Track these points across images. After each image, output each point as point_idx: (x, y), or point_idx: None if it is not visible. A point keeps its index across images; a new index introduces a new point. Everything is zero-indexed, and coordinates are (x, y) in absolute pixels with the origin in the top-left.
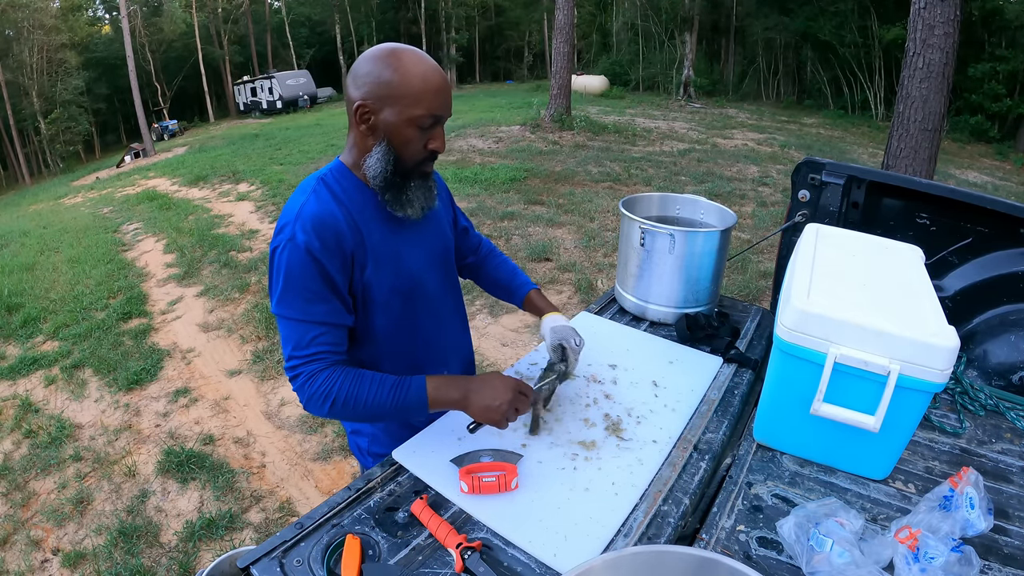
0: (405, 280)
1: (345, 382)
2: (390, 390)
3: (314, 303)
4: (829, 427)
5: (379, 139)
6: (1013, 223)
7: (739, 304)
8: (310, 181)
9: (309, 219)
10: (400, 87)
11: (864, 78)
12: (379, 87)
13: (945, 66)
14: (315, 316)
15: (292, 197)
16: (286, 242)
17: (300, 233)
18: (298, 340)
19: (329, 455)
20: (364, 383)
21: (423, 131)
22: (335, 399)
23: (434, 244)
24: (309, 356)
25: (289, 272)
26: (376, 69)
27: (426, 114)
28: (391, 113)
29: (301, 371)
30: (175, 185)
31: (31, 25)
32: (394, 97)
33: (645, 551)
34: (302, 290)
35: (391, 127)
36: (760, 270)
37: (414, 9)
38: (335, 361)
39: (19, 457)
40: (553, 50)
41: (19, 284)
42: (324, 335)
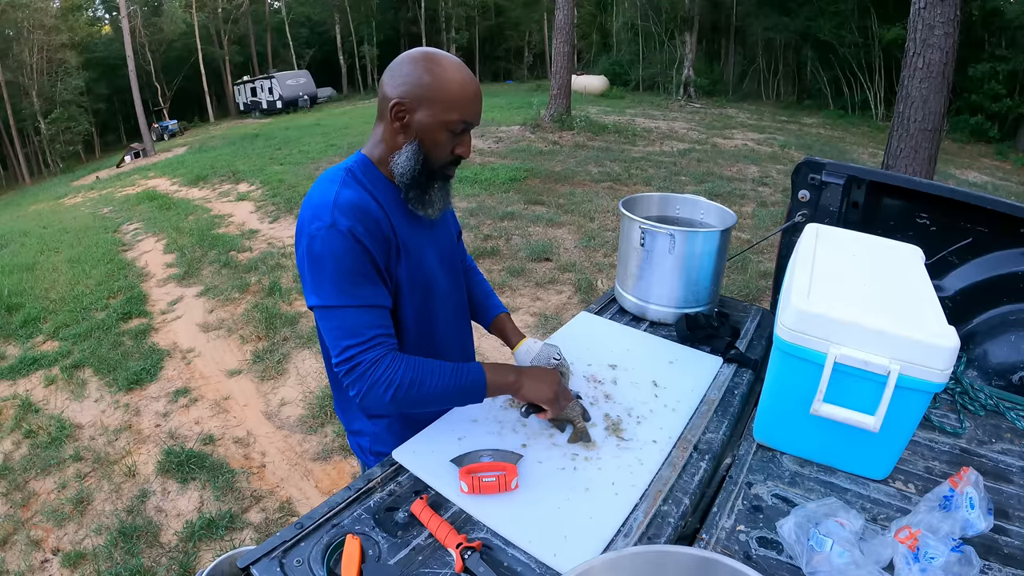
0: (424, 274)
1: (408, 368)
2: (451, 375)
3: (364, 287)
4: (829, 427)
5: (411, 138)
6: (1013, 223)
7: (739, 304)
8: (337, 171)
9: (348, 204)
10: (438, 91)
11: (864, 78)
12: (418, 88)
13: (945, 66)
14: (367, 300)
15: (317, 187)
16: (324, 229)
17: (342, 218)
18: (353, 328)
19: (329, 455)
20: (426, 369)
21: (453, 136)
22: (399, 385)
23: (444, 245)
24: (368, 343)
25: (335, 258)
26: (416, 71)
27: (459, 119)
28: (426, 115)
29: (361, 360)
30: (175, 185)
31: (31, 25)
32: (431, 100)
33: (645, 551)
34: (351, 275)
35: (424, 128)
36: (760, 270)
37: (414, 9)
38: (393, 346)
39: (19, 457)
40: (553, 50)
41: (19, 284)
42: (377, 318)
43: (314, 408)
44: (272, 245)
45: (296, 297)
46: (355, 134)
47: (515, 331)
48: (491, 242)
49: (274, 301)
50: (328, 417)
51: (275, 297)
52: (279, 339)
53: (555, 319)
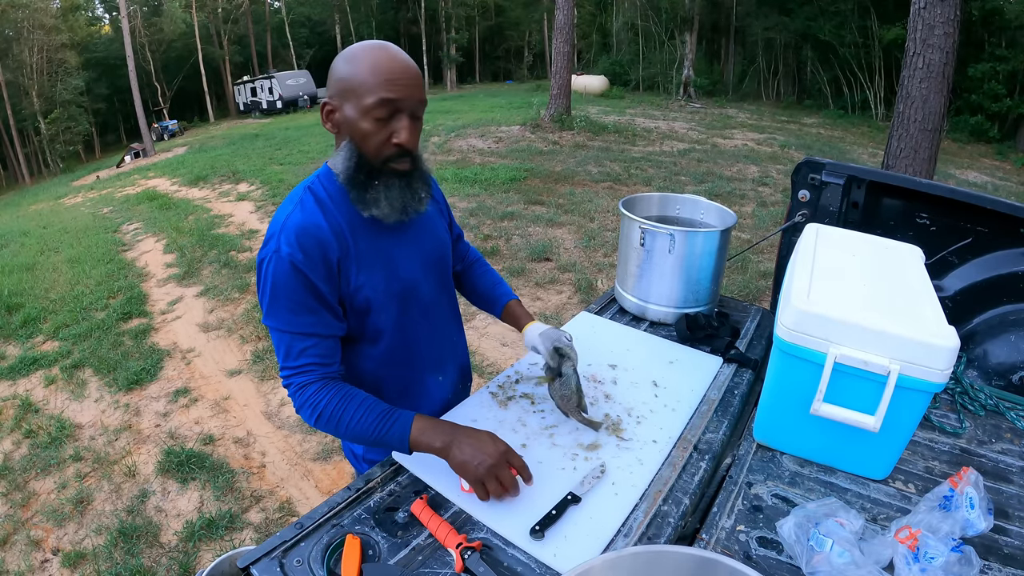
0: (399, 283)
1: (333, 400)
2: (375, 419)
3: (300, 314)
4: (829, 427)
5: (343, 136)
6: (1013, 223)
7: (739, 304)
8: (297, 191)
9: (293, 230)
10: (353, 79)
11: (864, 78)
12: (338, 83)
13: (945, 66)
14: (302, 328)
15: (280, 207)
16: (272, 254)
17: (284, 245)
18: (287, 351)
19: (329, 455)
20: (351, 405)
21: (382, 122)
22: (321, 413)
23: (428, 248)
24: (297, 368)
25: (275, 284)
26: (337, 67)
27: (377, 100)
28: (349, 108)
29: (291, 381)
30: (175, 185)
31: (31, 25)
32: (349, 91)
33: (645, 551)
34: (288, 302)
35: (349, 122)
36: (760, 270)
37: (414, 9)
38: (324, 374)
39: (19, 457)
40: (553, 50)
41: (19, 284)
42: (312, 348)
43: None
44: None
45: None
46: None
47: (525, 315)
48: (491, 242)
49: None
50: None
51: None
52: None
53: (555, 319)
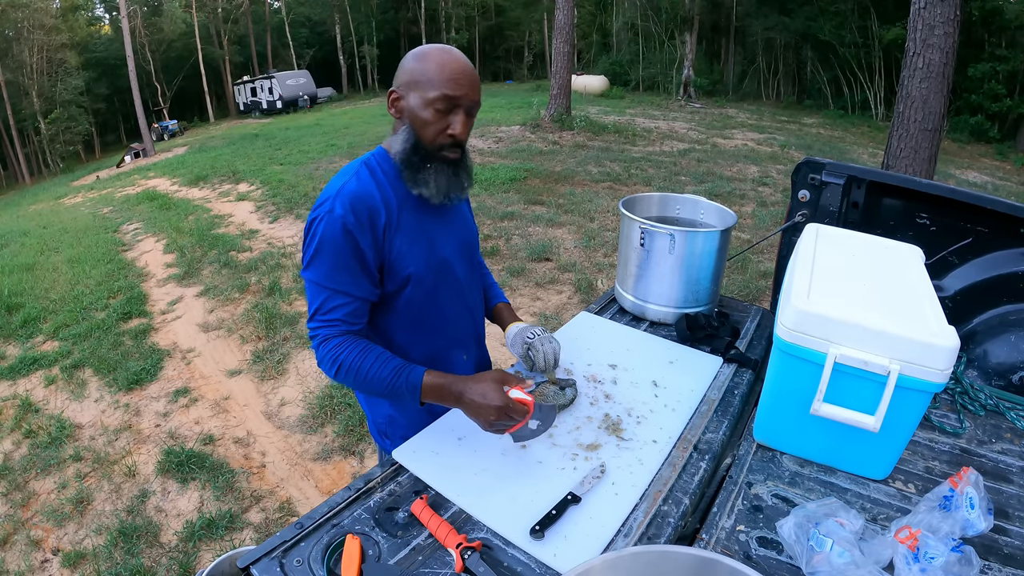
0: (436, 259)
1: (352, 351)
2: (391, 371)
3: (340, 273)
4: (829, 427)
5: (403, 121)
6: (1013, 223)
7: (739, 304)
8: (354, 164)
9: (348, 196)
10: (421, 73)
11: (864, 78)
12: (406, 75)
13: (945, 66)
14: (338, 285)
15: (335, 178)
16: (325, 214)
17: (338, 207)
18: (321, 304)
19: (329, 455)
20: (369, 357)
21: (441, 114)
22: (340, 364)
23: (462, 233)
24: (328, 321)
25: (323, 241)
26: (407, 62)
27: (440, 95)
28: (414, 97)
29: (317, 333)
30: (175, 185)
31: (31, 25)
32: (416, 83)
33: (645, 551)
34: (331, 259)
35: (412, 110)
36: (760, 270)
37: (414, 9)
38: (347, 331)
39: (19, 457)
40: (553, 50)
41: (19, 284)
42: (343, 306)
43: (314, 408)
44: (272, 245)
45: (296, 297)
46: (355, 134)
47: (510, 317)
48: (491, 242)
49: (274, 301)
50: (328, 417)
51: (275, 297)
52: (279, 339)
53: (555, 319)
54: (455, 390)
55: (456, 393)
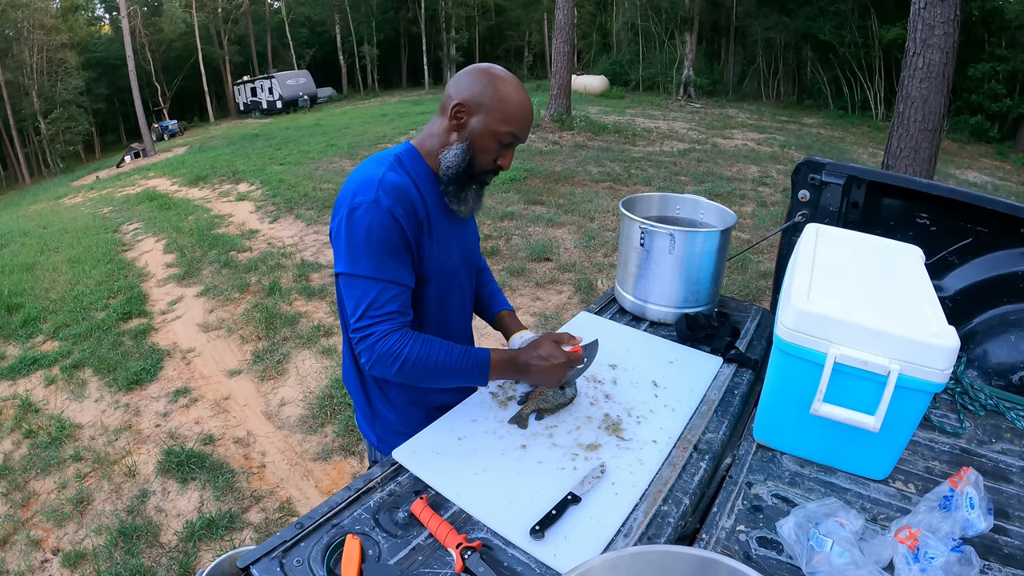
0: (450, 264)
1: (416, 344)
2: (458, 355)
3: (394, 263)
4: (829, 427)
5: (463, 139)
6: (1013, 223)
7: (739, 304)
8: (386, 156)
9: (391, 186)
10: (499, 103)
11: (864, 78)
12: (481, 96)
13: (945, 66)
14: (393, 275)
15: (364, 168)
16: (369, 204)
17: (384, 197)
18: (374, 298)
19: (329, 455)
20: (435, 346)
21: (501, 147)
22: (406, 359)
23: (469, 244)
24: (384, 315)
25: (370, 232)
26: (483, 81)
27: (510, 133)
28: (482, 121)
29: (374, 330)
30: (175, 185)
31: (31, 25)
32: (490, 109)
33: (645, 551)
34: (383, 250)
35: (477, 132)
36: (760, 270)
37: (414, 9)
38: (404, 323)
39: (19, 457)
40: (553, 50)
41: (19, 284)
42: (397, 296)
43: (314, 408)
44: (272, 245)
45: (296, 297)
46: (355, 134)
47: (515, 325)
48: (491, 242)
49: (274, 301)
50: (328, 417)
51: (275, 297)
52: (279, 339)
53: (555, 319)
54: (520, 362)
55: (522, 365)
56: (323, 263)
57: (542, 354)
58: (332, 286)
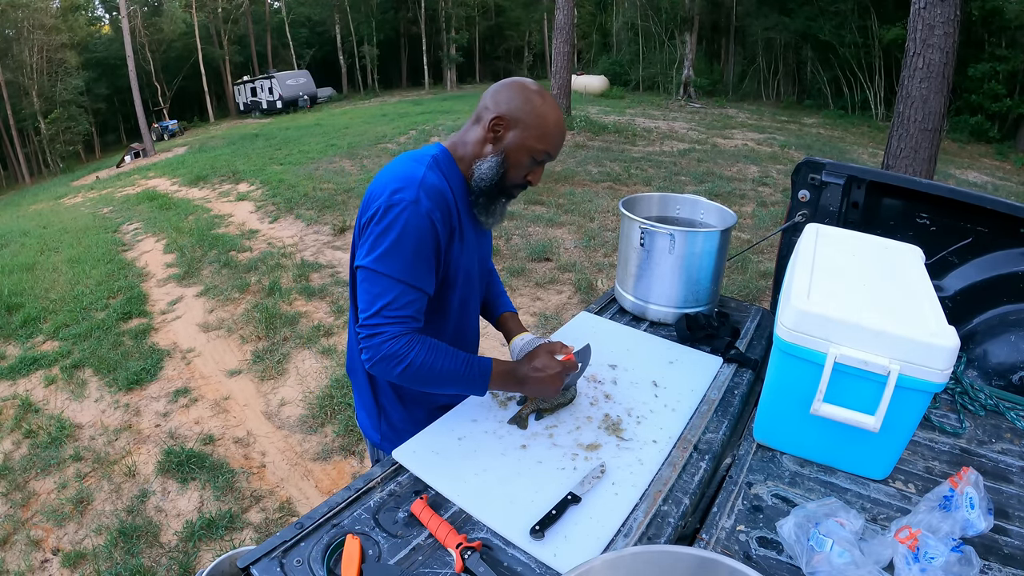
0: (473, 269)
1: (423, 349)
2: (461, 363)
3: (420, 268)
4: (829, 427)
5: (498, 152)
6: (1013, 223)
7: (739, 304)
8: (423, 156)
9: (431, 189)
10: (536, 120)
11: (864, 78)
12: (520, 112)
13: (945, 66)
14: (416, 280)
15: (402, 164)
16: (409, 203)
17: (425, 199)
18: (393, 299)
19: (329, 455)
20: (440, 353)
21: (534, 163)
22: (411, 363)
23: (484, 254)
24: (398, 317)
25: (405, 232)
26: (522, 97)
27: (544, 150)
28: (519, 136)
29: (385, 330)
30: (175, 185)
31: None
32: (528, 125)
33: (645, 551)
34: (413, 253)
35: (513, 147)
36: (760, 270)
37: (414, 9)
38: (416, 329)
39: (19, 457)
40: (553, 50)
41: (19, 284)
42: (415, 301)
43: (314, 408)
44: (272, 245)
45: (296, 297)
46: (355, 134)
47: (517, 327)
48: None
49: (274, 301)
50: (328, 417)
51: (275, 297)
52: (279, 339)
53: (555, 319)
54: (518, 375)
55: (520, 377)
56: (323, 263)
57: (537, 366)
58: (332, 286)
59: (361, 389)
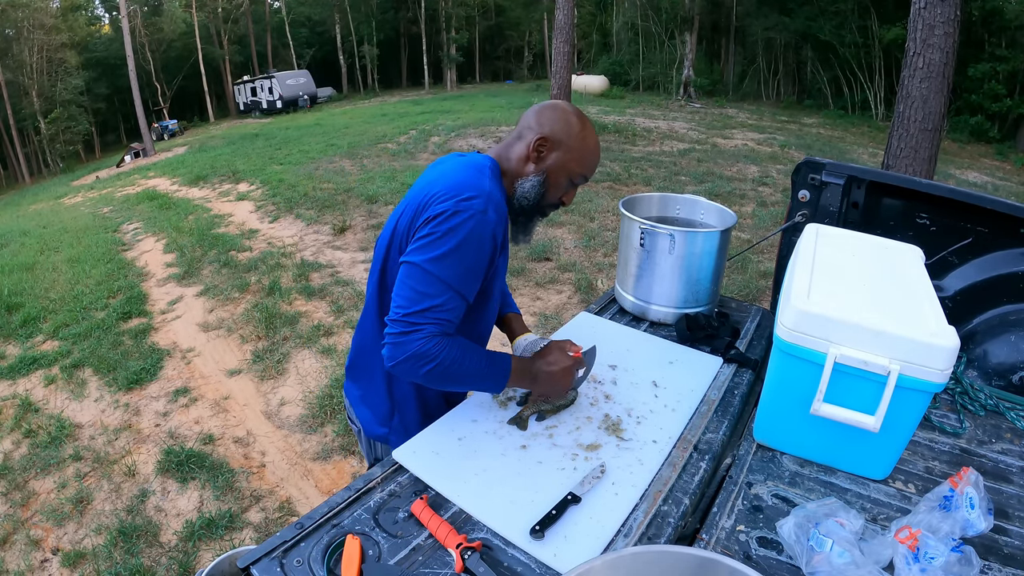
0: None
1: (453, 348)
2: (485, 361)
3: (471, 279)
4: (829, 427)
5: (540, 172)
6: (1013, 223)
7: (739, 304)
8: (482, 164)
9: (499, 205)
10: (579, 143)
11: (864, 78)
12: (563, 135)
13: (945, 66)
14: (465, 289)
15: (466, 170)
16: (478, 213)
17: (493, 213)
18: (441, 303)
19: (329, 455)
20: (468, 352)
21: (571, 184)
22: (440, 362)
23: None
24: (439, 320)
25: (467, 242)
26: (566, 119)
27: (582, 174)
28: (561, 158)
29: (424, 328)
30: (175, 185)
31: (31, 25)
32: (571, 148)
33: (645, 551)
34: (470, 263)
35: (555, 168)
36: (760, 270)
37: (414, 9)
38: (448, 332)
39: (19, 457)
40: (553, 50)
41: (19, 284)
42: (459, 309)
43: (314, 408)
44: (272, 245)
45: (296, 297)
46: (355, 134)
47: (521, 327)
48: None
49: (274, 301)
50: (328, 417)
51: (275, 297)
52: (279, 339)
53: (555, 319)
54: (532, 370)
55: (533, 372)
56: (323, 263)
57: (550, 360)
58: (332, 286)
59: (372, 384)
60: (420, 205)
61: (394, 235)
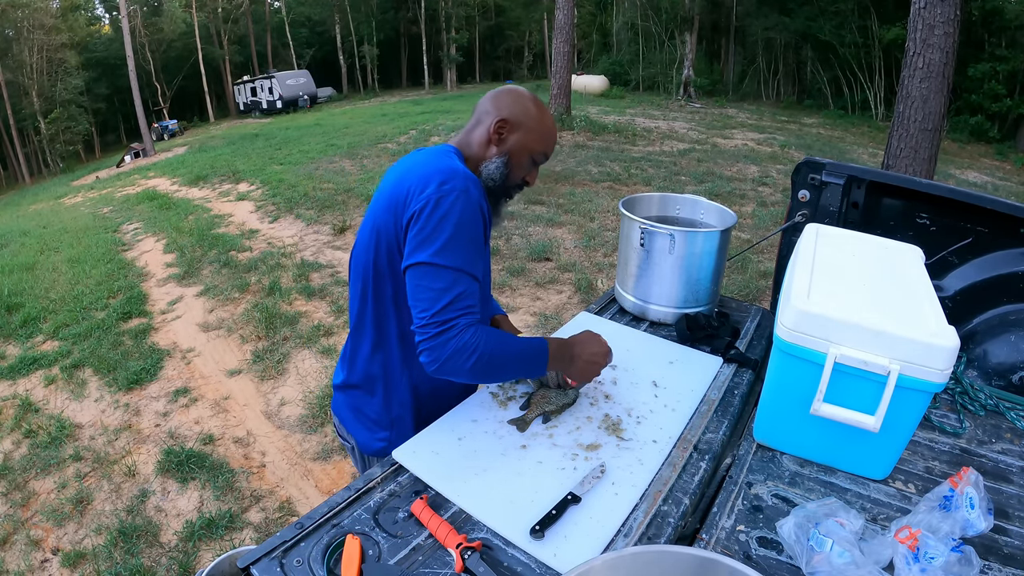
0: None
1: (491, 338)
2: (523, 345)
3: (477, 257)
4: (829, 427)
5: (502, 154)
6: (1013, 223)
7: (739, 304)
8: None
9: (474, 181)
10: (537, 123)
11: (864, 78)
12: (522, 116)
13: (945, 66)
14: (476, 270)
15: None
16: (460, 193)
17: (474, 189)
18: (461, 292)
19: (329, 455)
20: (502, 338)
21: (532, 164)
22: (482, 353)
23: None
24: (466, 308)
25: (461, 222)
26: (522, 102)
27: (543, 152)
28: (521, 138)
29: (456, 323)
30: (175, 185)
31: (31, 25)
32: (530, 128)
33: (645, 551)
34: (471, 242)
35: (516, 148)
36: (760, 270)
37: (414, 9)
38: (479, 318)
39: (19, 457)
40: (553, 50)
41: (19, 284)
42: (477, 290)
43: (314, 408)
44: (272, 245)
45: (296, 297)
46: (355, 134)
47: (510, 329)
48: (491, 242)
49: (274, 301)
50: (328, 417)
51: (275, 297)
52: (279, 339)
53: (555, 319)
54: (570, 351)
55: (571, 353)
56: (323, 263)
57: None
58: (332, 286)
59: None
60: (399, 203)
61: (378, 242)
